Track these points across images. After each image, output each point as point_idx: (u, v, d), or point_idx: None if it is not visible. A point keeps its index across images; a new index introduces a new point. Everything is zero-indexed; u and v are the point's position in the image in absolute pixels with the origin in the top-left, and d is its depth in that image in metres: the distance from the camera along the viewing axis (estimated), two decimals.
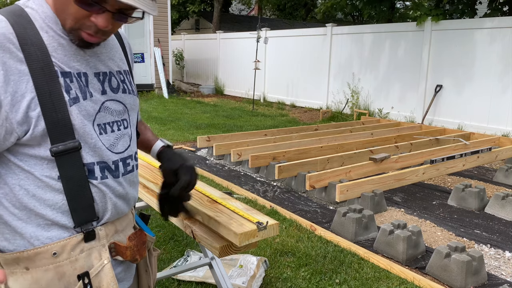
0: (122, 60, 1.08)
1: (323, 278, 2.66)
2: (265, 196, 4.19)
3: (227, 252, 1.21)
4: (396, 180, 4.34)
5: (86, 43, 0.93)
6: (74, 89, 0.91)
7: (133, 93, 1.07)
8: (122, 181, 1.01)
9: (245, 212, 1.23)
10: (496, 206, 3.74)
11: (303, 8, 26.74)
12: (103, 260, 0.96)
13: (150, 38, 12.43)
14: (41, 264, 0.91)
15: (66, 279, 0.92)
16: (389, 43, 8.80)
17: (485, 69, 7.23)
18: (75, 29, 0.90)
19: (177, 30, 23.34)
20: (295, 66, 11.03)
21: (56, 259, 0.91)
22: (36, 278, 0.91)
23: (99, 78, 0.98)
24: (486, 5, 9.37)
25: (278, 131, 6.50)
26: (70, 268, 0.92)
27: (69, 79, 0.91)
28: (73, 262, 0.93)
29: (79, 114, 0.91)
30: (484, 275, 2.64)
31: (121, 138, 1.01)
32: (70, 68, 0.92)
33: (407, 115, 8.44)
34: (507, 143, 6.14)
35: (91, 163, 0.94)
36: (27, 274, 0.91)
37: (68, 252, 0.92)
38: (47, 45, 0.89)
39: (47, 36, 0.90)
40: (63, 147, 0.89)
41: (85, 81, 0.94)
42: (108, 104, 0.98)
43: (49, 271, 0.91)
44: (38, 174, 0.90)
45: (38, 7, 0.92)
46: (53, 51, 0.90)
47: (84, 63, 0.95)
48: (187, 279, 2.57)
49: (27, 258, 0.90)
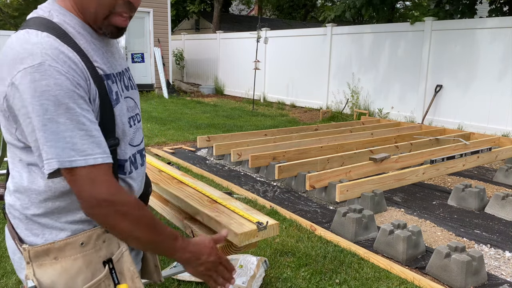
0: (124, 58, 1.15)
1: (323, 278, 2.66)
2: (265, 196, 4.19)
3: (227, 252, 1.21)
4: (396, 180, 4.34)
5: (118, 31, 0.98)
6: (115, 89, 0.99)
7: (136, 89, 1.16)
8: (140, 171, 1.09)
9: (245, 212, 1.23)
10: (496, 206, 3.74)
11: (303, 8, 26.73)
12: (121, 247, 1.04)
13: (150, 38, 12.43)
14: (70, 254, 0.97)
15: (93, 266, 0.99)
16: (389, 43, 8.80)
17: (485, 69, 7.23)
18: (107, 17, 0.94)
19: (177, 30, 23.34)
20: (295, 66, 11.02)
21: (84, 248, 0.98)
22: (65, 267, 0.97)
23: (118, 77, 1.04)
24: (487, 5, 9.37)
25: (278, 131, 6.50)
26: (96, 256, 1.00)
27: (111, 80, 0.98)
28: (98, 250, 1.00)
29: (120, 113, 0.99)
30: (484, 275, 2.64)
31: (137, 132, 1.10)
32: (108, 70, 0.98)
33: (407, 115, 8.44)
34: (507, 143, 6.14)
35: (122, 160, 1.01)
36: (56, 264, 0.96)
37: (94, 242, 0.99)
38: (86, 52, 0.93)
39: (82, 43, 0.94)
40: (108, 145, 0.95)
41: (118, 81, 1.02)
42: (126, 101, 1.05)
43: (78, 260, 0.98)
44: None
45: (63, 17, 0.94)
46: (92, 56, 0.95)
47: (110, 64, 1.01)
48: (187, 279, 2.57)
49: (57, 249, 0.96)
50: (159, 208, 1.53)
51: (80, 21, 0.95)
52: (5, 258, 2.78)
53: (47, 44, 0.86)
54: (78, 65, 0.89)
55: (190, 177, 1.51)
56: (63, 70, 0.85)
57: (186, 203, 1.33)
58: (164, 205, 1.49)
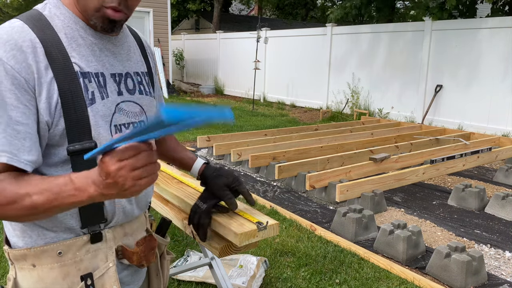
0: (141, 62, 1.08)
1: (323, 278, 2.65)
2: (265, 196, 4.18)
3: (227, 252, 1.21)
4: (396, 180, 4.34)
5: (111, 24, 0.93)
6: (92, 89, 0.92)
7: (150, 95, 1.08)
8: None
9: (245, 212, 1.22)
10: (496, 206, 3.74)
11: (303, 8, 26.72)
12: (108, 262, 0.96)
13: (150, 38, 12.43)
14: (47, 262, 0.92)
15: (70, 278, 0.93)
16: (389, 43, 8.80)
17: (486, 69, 7.23)
18: (98, 9, 0.90)
19: (177, 30, 23.34)
20: (295, 66, 11.02)
21: (61, 258, 0.92)
22: (41, 276, 0.92)
23: (115, 79, 0.99)
24: (487, 5, 9.37)
25: (278, 131, 6.50)
26: (74, 268, 0.93)
27: (88, 79, 0.92)
28: (78, 262, 0.94)
29: (96, 115, 0.92)
30: (484, 275, 2.64)
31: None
32: (89, 68, 0.93)
33: (407, 115, 8.44)
34: (507, 143, 6.13)
35: None
36: (33, 271, 0.92)
37: (74, 252, 0.93)
38: (66, 46, 0.90)
39: (66, 37, 0.91)
40: (80, 147, 0.89)
41: (103, 81, 0.95)
42: (123, 105, 0.99)
43: (54, 270, 0.92)
44: (52, 175, 0.90)
45: (56, 10, 0.93)
46: (72, 52, 0.91)
47: (101, 64, 0.96)
48: (187, 279, 2.57)
49: (33, 255, 0.92)
50: (159, 208, 1.52)
51: (74, 16, 0.93)
52: (5, 258, 2.78)
53: (5, 31, 0.85)
54: (27, 55, 0.84)
55: (190, 177, 1.51)
56: (1, 58, 0.82)
57: (186, 203, 1.33)
58: (164, 205, 1.49)
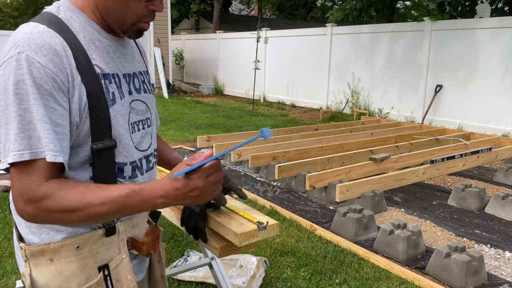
0: (141, 61, 1.15)
1: (323, 278, 2.65)
2: (265, 196, 4.19)
3: (227, 252, 1.21)
4: (396, 180, 4.34)
5: (141, 33, 1.01)
6: (112, 90, 0.97)
7: (151, 93, 1.15)
8: (145, 178, 1.07)
9: (245, 212, 1.22)
10: (496, 206, 3.74)
11: (303, 8, 26.73)
12: (121, 254, 1.01)
13: (150, 38, 12.42)
14: (65, 256, 0.96)
15: (88, 270, 0.97)
16: (389, 43, 8.80)
17: (485, 69, 7.23)
18: (134, 23, 0.96)
19: (177, 30, 23.34)
20: (295, 66, 11.02)
21: (79, 251, 0.96)
22: (60, 269, 0.95)
23: (126, 79, 1.03)
24: (487, 5, 9.37)
25: (278, 131, 6.50)
26: (91, 261, 0.98)
27: (108, 80, 0.96)
28: (94, 255, 0.98)
29: (117, 115, 0.96)
30: (484, 275, 2.64)
31: (145, 136, 1.08)
32: (108, 70, 0.97)
33: (407, 115, 8.44)
34: (507, 143, 6.13)
35: (121, 163, 0.99)
36: (51, 266, 0.95)
37: (90, 246, 0.97)
38: (86, 49, 0.93)
39: (84, 40, 0.94)
40: (102, 145, 0.94)
41: (119, 82, 1.00)
42: (133, 104, 1.04)
43: (73, 263, 0.96)
44: (72, 176, 0.93)
45: (71, 13, 0.95)
46: (92, 54, 0.94)
47: (114, 65, 1.00)
48: (187, 279, 2.57)
49: (52, 250, 0.95)
50: None
51: (88, 19, 0.96)
52: (5, 258, 2.78)
53: (35, 35, 0.86)
54: (62, 59, 0.87)
55: None
56: (40, 62, 0.84)
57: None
58: None
